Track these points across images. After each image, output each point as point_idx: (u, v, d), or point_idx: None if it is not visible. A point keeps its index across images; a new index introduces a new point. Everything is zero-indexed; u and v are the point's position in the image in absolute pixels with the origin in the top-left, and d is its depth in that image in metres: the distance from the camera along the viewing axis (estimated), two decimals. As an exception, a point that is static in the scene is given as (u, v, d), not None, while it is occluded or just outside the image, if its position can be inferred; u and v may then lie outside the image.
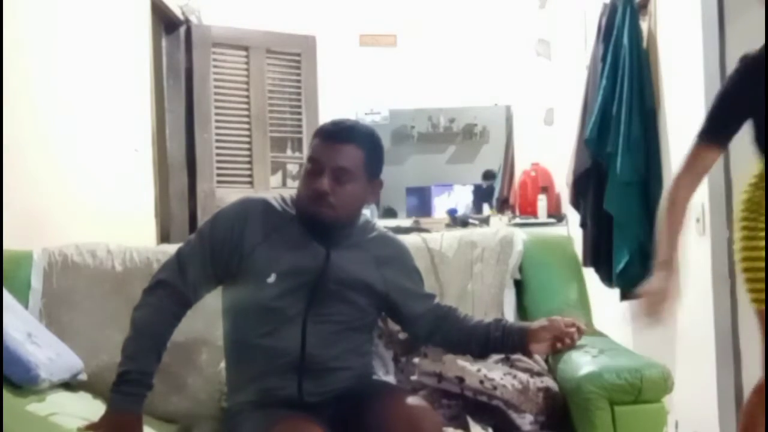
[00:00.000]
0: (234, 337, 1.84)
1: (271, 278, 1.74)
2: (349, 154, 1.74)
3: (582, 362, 1.94)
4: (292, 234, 1.78)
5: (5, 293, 1.93)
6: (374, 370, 1.97)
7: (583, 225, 3.49)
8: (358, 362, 1.83)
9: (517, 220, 5.21)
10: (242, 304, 1.80)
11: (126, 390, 1.66)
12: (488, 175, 5.69)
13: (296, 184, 2.30)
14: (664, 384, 1.84)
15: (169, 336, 1.77)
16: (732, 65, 2.50)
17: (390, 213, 5.59)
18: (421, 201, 5.72)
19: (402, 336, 2.13)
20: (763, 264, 2.02)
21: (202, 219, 4.56)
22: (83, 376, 2.00)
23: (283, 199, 1.85)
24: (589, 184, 3.34)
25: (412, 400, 1.68)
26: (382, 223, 2.12)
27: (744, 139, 2.48)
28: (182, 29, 4.74)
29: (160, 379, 2.07)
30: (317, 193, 1.72)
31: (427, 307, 1.96)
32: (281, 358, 1.74)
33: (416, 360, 2.04)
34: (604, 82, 3.17)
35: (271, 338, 1.74)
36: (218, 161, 4.78)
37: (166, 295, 1.76)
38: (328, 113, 5.21)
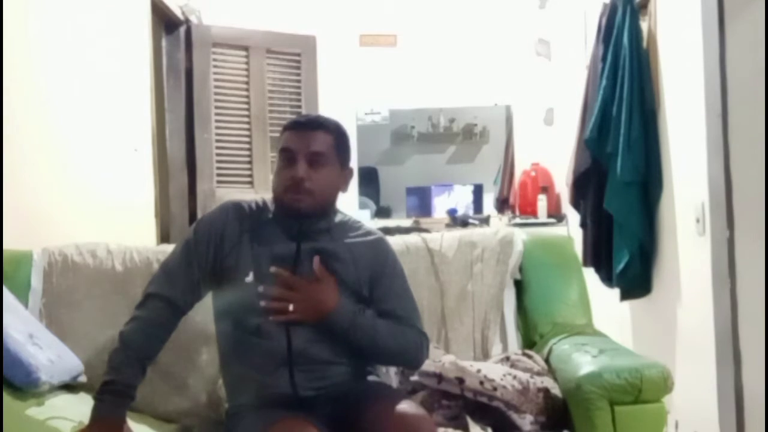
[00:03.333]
0: (224, 339, 1.86)
1: (249, 277, 1.77)
2: (320, 140, 1.81)
3: (582, 362, 1.94)
4: (267, 233, 1.82)
5: (7, 293, 1.93)
6: (373, 369, 1.96)
7: (583, 225, 3.49)
8: (351, 358, 1.82)
9: (517, 220, 5.21)
10: (228, 305, 1.82)
11: (109, 399, 1.67)
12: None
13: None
14: (664, 384, 1.85)
15: (158, 349, 1.78)
16: (732, 65, 2.50)
17: (389, 213, 5.59)
18: (421, 201, 5.71)
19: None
20: None
21: (202, 219, 4.54)
22: (83, 378, 2.00)
23: (263, 202, 1.90)
24: (589, 184, 3.34)
25: (408, 407, 1.67)
26: (381, 223, 2.12)
27: (744, 139, 2.49)
28: (182, 29, 4.73)
29: (161, 379, 2.09)
30: (294, 180, 1.76)
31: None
32: (270, 356, 1.75)
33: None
34: (604, 82, 3.17)
35: (258, 337, 1.76)
36: (218, 161, 4.78)
37: (156, 308, 1.77)
38: (328, 113, 5.20)
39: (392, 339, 1.81)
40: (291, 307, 1.73)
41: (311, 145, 1.79)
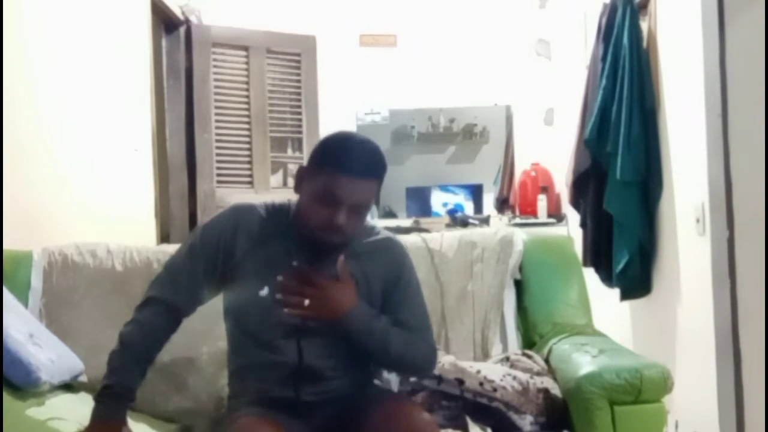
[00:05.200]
0: (234, 345, 1.83)
1: (264, 291, 1.71)
2: (367, 189, 1.69)
3: (582, 362, 1.94)
4: (282, 247, 1.74)
5: (7, 293, 1.93)
6: (376, 373, 1.96)
7: (583, 225, 3.49)
8: (358, 370, 1.82)
9: (517, 220, 5.21)
10: (239, 315, 1.79)
11: (108, 402, 1.66)
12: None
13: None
14: (664, 384, 1.85)
15: (156, 352, 1.76)
16: (732, 65, 2.50)
17: (392, 213, 5.59)
18: (421, 201, 5.71)
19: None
20: None
21: (202, 219, 4.55)
22: (83, 378, 2.00)
23: (273, 208, 1.80)
24: (589, 184, 3.34)
25: (411, 410, 1.67)
26: (382, 224, 2.11)
27: (744, 139, 2.49)
28: (182, 29, 4.74)
29: (161, 379, 2.09)
30: (334, 227, 1.65)
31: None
32: (279, 370, 1.74)
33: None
34: (604, 82, 3.17)
35: (269, 351, 1.73)
36: (218, 161, 4.78)
37: (157, 312, 1.74)
38: (328, 113, 5.22)
39: (404, 348, 1.74)
40: (306, 302, 1.65)
41: (358, 196, 1.66)
